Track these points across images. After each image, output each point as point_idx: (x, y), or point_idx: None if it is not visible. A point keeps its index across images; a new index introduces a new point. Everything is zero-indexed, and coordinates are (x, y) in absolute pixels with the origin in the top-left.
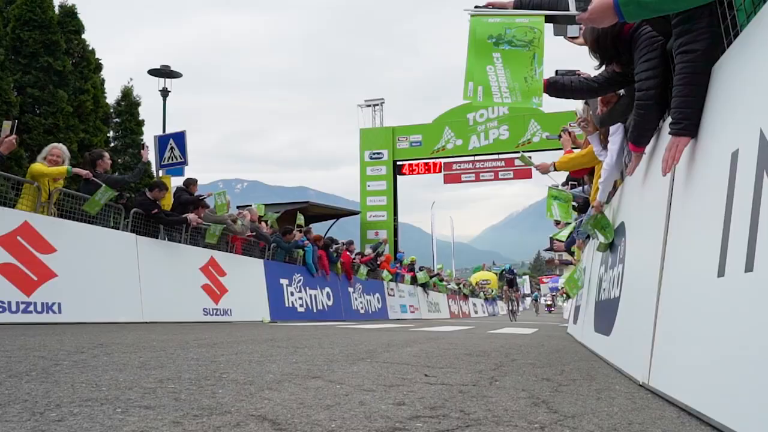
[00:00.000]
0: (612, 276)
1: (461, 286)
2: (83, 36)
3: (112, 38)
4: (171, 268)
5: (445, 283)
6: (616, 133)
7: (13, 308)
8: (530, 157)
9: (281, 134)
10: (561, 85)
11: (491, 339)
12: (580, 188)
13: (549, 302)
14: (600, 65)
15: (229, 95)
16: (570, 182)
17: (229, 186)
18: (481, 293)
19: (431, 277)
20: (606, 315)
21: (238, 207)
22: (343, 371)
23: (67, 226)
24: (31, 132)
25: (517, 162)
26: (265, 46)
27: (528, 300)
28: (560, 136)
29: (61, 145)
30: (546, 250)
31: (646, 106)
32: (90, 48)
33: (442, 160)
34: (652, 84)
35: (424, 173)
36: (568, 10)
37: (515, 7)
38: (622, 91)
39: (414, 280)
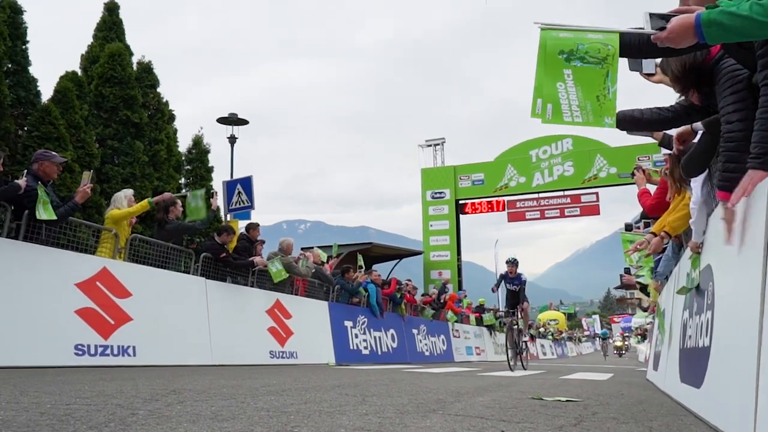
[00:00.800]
0: (699, 322)
1: (529, 326)
2: (158, 89)
3: (183, 89)
4: (238, 311)
5: None
6: None
7: (92, 351)
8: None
9: (343, 175)
10: (632, 118)
11: (566, 386)
12: None
13: (619, 343)
14: (681, 94)
15: (293, 138)
16: (643, 220)
17: (292, 227)
18: (549, 334)
19: (497, 318)
20: (694, 365)
21: (302, 249)
22: (415, 426)
23: (142, 271)
24: (110, 181)
25: (584, 198)
26: (327, 89)
27: (597, 341)
28: (633, 174)
29: (127, 189)
30: (616, 287)
31: (735, 147)
32: (164, 100)
33: (506, 198)
34: (739, 121)
35: (487, 212)
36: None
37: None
38: (699, 133)
39: (479, 321)
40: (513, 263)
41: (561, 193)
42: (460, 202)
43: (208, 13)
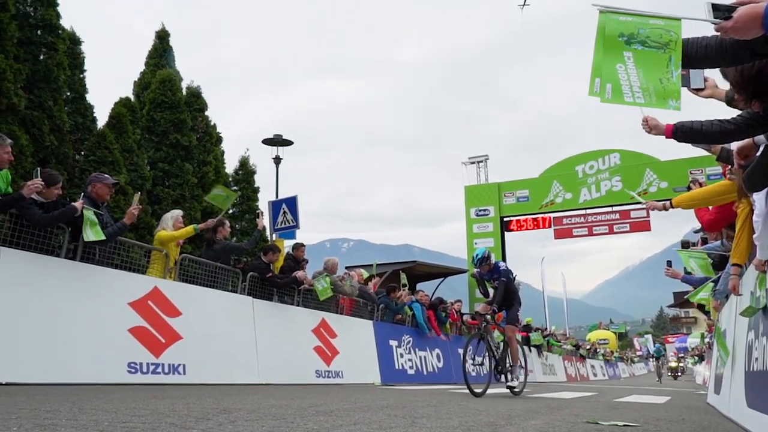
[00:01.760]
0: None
1: (578, 346)
2: (206, 113)
3: (229, 110)
4: (285, 330)
5: (559, 343)
6: None
7: (144, 369)
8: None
9: (386, 193)
10: (690, 129)
11: (621, 410)
12: (717, 242)
13: (673, 364)
14: (745, 104)
15: (336, 157)
16: (701, 236)
17: (336, 245)
18: (600, 354)
19: (545, 337)
20: (763, 389)
21: (346, 268)
22: None
23: (191, 290)
24: (161, 203)
25: (633, 214)
26: (370, 107)
27: (651, 362)
28: (689, 188)
29: (176, 210)
30: (670, 306)
31: None
32: (212, 123)
33: (552, 215)
34: None
35: (533, 229)
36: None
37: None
38: (762, 145)
39: (526, 341)
40: (482, 260)
41: (609, 209)
42: (505, 219)
43: (250, 36)
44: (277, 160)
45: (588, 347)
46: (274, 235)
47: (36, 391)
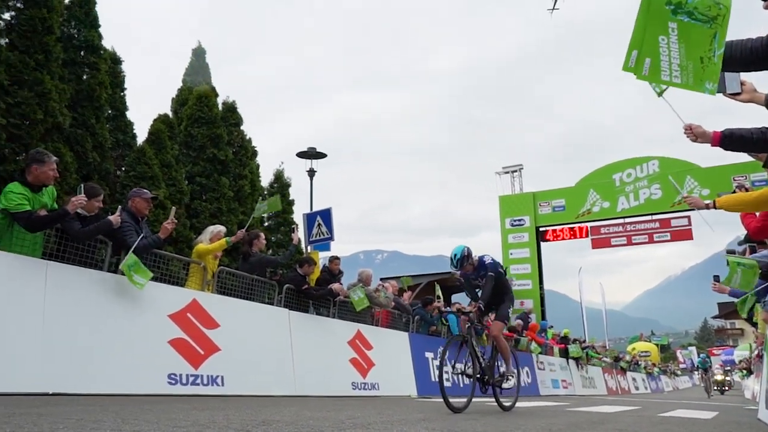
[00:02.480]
0: None
1: (618, 359)
2: (242, 127)
3: (264, 124)
4: (321, 342)
5: (599, 355)
6: None
7: (184, 381)
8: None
9: (420, 203)
10: (740, 137)
11: (666, 425)
12: (766, 251)
13: (719, 377)
14: None
15: (369, 168)
16: (748, 244)
17: (370, 257)
18: (641, 367)
19: (583, 349)
20: None
21: (381, 279)
22: None
23: (229, 303)
24: (198, 216)
25: (674, 222)
26: (404, 119)
27: (696, 375)
28: (735, 193)
29: (221, 226)
30: (714, 317)
31: None
32: (248, 137)
33: (589, 224)
34: None
35: (570, 238)
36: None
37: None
38: None
39: (564, 353)
40: (463, 260)
41: (649, 218)
42: (541, 229)
43: (284, 50)
44: (312, 173)
45: (629, 360)
46: (309, 248)
47: (81, 402)
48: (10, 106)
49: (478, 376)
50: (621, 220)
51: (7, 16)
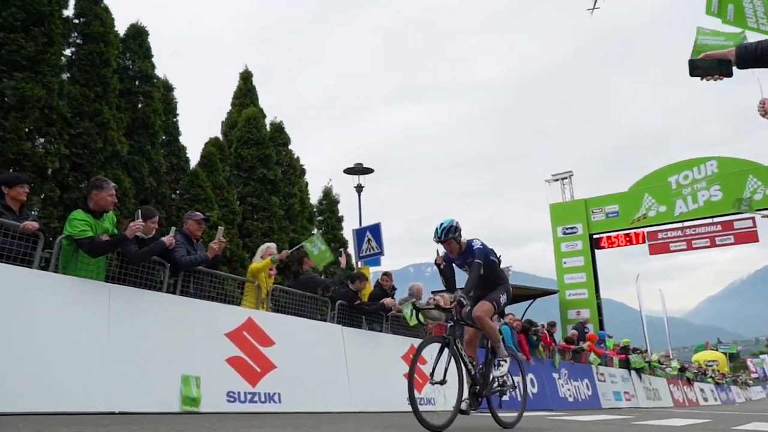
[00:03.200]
0: None
1: (684, 369)
2: (290, 147)
3: (311, 142)
4: (374, 357)
5: (662, 365)
6: None
7: (242, 398)
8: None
9: (468, 214)
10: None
11: None
12: None
13: None
14: None
15: (416, 181)
16: None
17: (419, 270)
18: (709, 377)
19: (646, 360)
20: None
21: (432, 292)
22: None
23: (283, 320)
24: (251, 236)
25: (738, 224)
26: (448, 130)
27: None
28: None
29: (272, 244)
30: None
31: None
32: (295, 156)
33: (645, 230)
34: None
35: (625, 245)
36: None
37: (738, 60)
38: None
39: (625, 364)
40: (448, 231)
41: (710, 221)
42: (595, 236)
43: (327, 68)
44: (359, 188)
45: (695, 369)
46: (359, 263)
47: (146, 420)
48: (72, 137)
49: (474, 387)
50: (679, 224)
51: (68, 52)
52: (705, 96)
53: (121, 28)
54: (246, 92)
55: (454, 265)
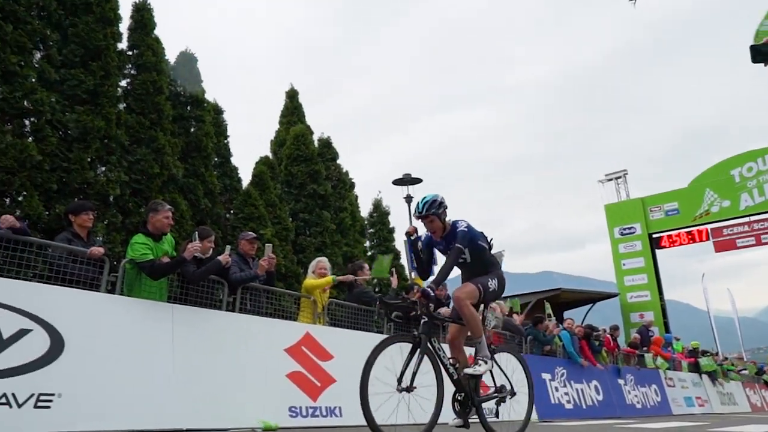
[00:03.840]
0: None
1: (761, 371)
2: (338, 161)
3: (358, 155)
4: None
5: (735, 367)
6: None
7: (304, 413)
8: None
9: (519, 219)
10: None
11: None
12: None
13: None
14: None
15: (465, 188)
16: None
17: None
18: None
19: (718, 363)
20: None
21: None
22: None
23: (339, 333)
24: (304, 251)
25: None
26: (494, 135)
27: None
28: None
29: (323, 258)
30: None
31: None
32: (344, 170)
33: (709, 226)
34: None
35: (688, 243)
36: None
37: None
38: None
39: (695, 368)
40: (431, 204)
41: None
42: (654, 235)
43: (370, 81)
44: (408, 199)
45: None
46: (412, 274)
47: None
48: (131, 164)
49: (460, 394)
50: (746, 219)
51: (123, 83)
52: (763, 85)
53: (171, 56)
54: (293, 110)
55: (436, 250)
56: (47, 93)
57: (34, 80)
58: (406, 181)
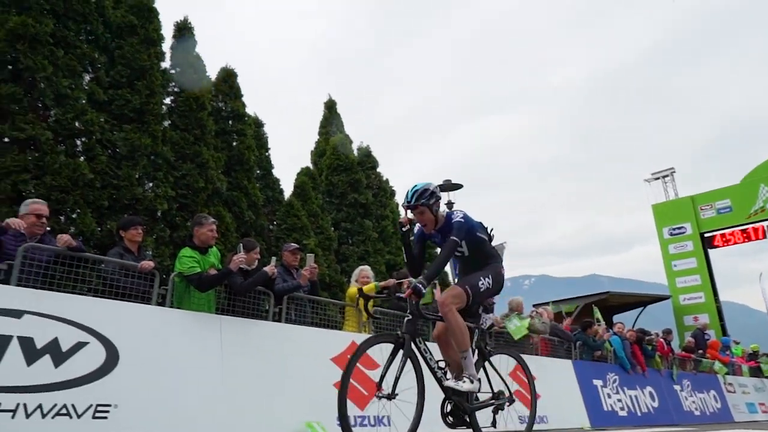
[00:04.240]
0: None
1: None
2: (378, 170)
3: (398, 163)
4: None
5: None
6: None
7: (353, 422)
8: None
9: (562, 222)
10: None
11: None
12: None
13: None
14: None
15: (507, 192)
16: None
17: (517, 283)
18: None
19: None
20: None
21: (533, 305)
22: None
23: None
24: (347, 260)
25: None
26: (534, 138)
27: None
28: None
29: (366, 266)
30: None
31: None
32: (384, 179)
33: (764, 224)
34: None
35: (743, 242)
36: None
37: None
38: None
39: (756, 372)
40: (422, 194)
41: None
42: (706, 235)
43: (407, 89)
44: (450, 205)
45: None
46: (455, 281)
47: None
48: (177, 179)
49: (449, 402)
50: None
51: (167, 100)
52: None
53: (212, 72)
54: (331, 120)
55: (432, 243)
56: (96, 113)
57: (84, 102)
58: (447, 187)
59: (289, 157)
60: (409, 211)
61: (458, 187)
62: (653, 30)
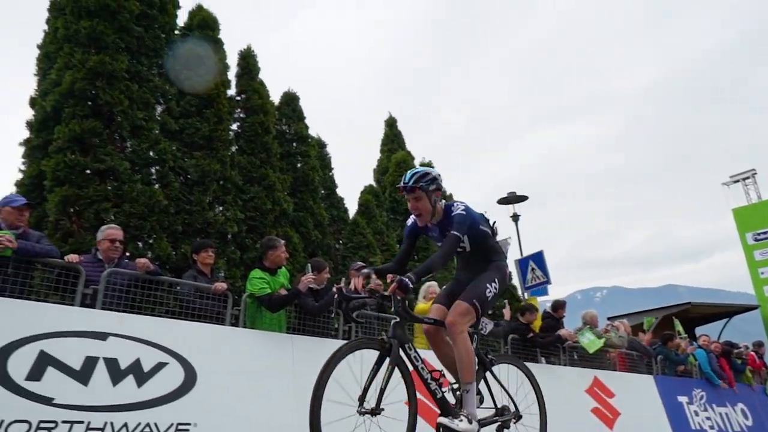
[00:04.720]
0: None
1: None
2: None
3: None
4: (557, 392)
5: None
6: None
7: None
8: None
9: (634, 231)
10: None
11: None
12: None
13: None
14: None
15: (575, 202)
16: None
17: (588, 296)
18: None
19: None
20: None
21: (608, 319)
22: None
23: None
24: None
25: None
26: (603, 145)
27: None
28: None
29: (433, 282)
30: None
31: None
32: (448, 193)
33: None
34: None
35: None
36: None
37: None
38: None
39: None
40: (419, 178)
41: None
42: None
43: (466, 100)
44: (515, 218)
45: None
46: (526, 294)
47: None
48: (245, 202)
49: (446, 416)
50: None
51: (234, 126)
52: None
53: (275, 96)
54: (392, 138)
55: (429, 237)
56: (169, 142)
57: (157, 132)
58: (512, 199)
59: (352, 176)
60: (402, 195)
61: (523, 198)
62: (722, 29)
